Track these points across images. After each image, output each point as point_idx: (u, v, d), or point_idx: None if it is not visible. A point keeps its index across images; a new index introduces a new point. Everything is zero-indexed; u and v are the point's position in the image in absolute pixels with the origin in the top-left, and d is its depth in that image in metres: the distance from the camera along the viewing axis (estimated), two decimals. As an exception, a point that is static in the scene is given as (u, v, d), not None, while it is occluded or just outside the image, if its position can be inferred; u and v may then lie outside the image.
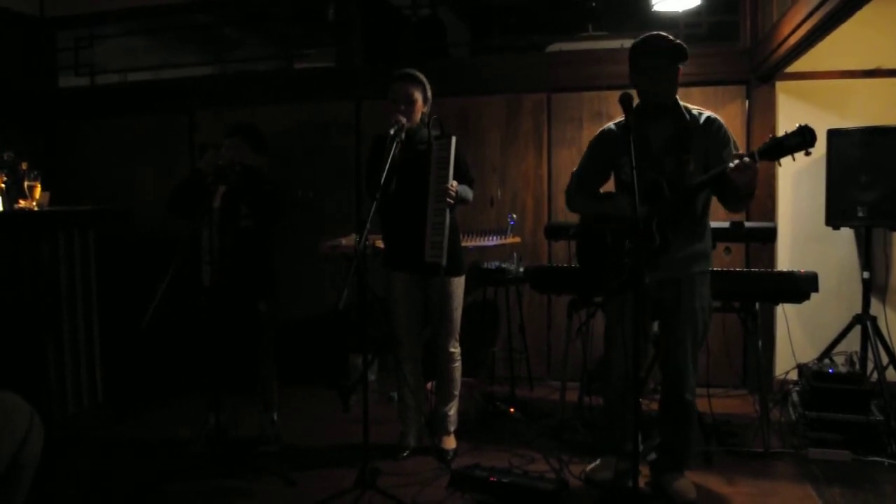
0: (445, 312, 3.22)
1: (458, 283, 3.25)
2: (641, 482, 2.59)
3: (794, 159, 2.35)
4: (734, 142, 2.70)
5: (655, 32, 2.67)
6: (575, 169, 3.01)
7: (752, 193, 2.53)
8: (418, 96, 3.15)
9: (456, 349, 3.31)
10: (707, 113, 2.73)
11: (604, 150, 2.88)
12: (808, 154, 2.33)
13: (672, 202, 2.60)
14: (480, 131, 4.67)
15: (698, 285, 2.74)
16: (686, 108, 2.73)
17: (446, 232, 3.01)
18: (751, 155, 2.38)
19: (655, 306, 2.78)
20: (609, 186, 2.99)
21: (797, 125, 2.32)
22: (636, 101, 2.56)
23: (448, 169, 3.01)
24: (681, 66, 2.64)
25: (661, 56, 2.62)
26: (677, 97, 2.73)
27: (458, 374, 3.34)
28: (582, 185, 2.95)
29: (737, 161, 2.39)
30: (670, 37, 2.63)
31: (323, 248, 4.15)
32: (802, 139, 2.30)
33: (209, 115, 5.02)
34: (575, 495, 2.88)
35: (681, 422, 2.83)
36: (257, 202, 3.30)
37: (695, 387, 2.82)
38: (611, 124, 2.90)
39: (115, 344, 4.23)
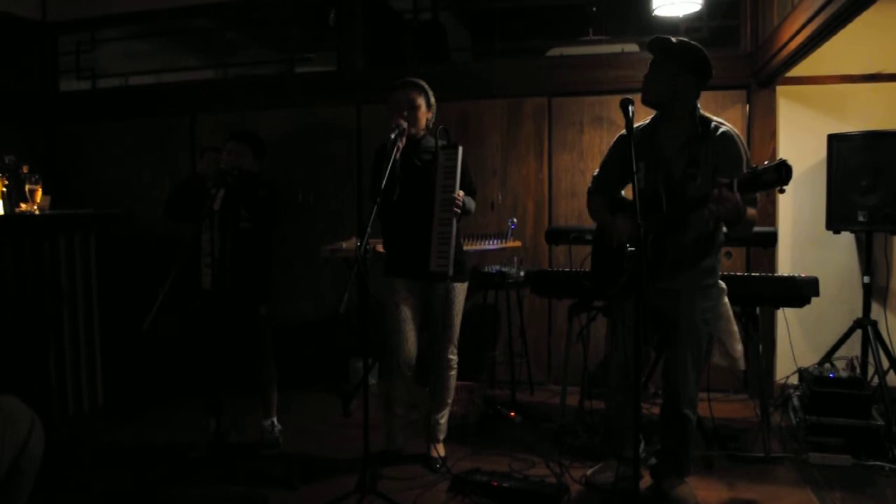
0: (447, 319, 3.20)
1: (461, 290, 3.24)
2: (642, 486, 2.59)
3: (766, 195, 2.27)
4: (747, 160, 2.61)
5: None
6: (596, 171, 3.01)
7: (739, 221, 2.41)
8: (421, 102, 3.14)
9: (454, 356, 3.29)
10: (725, 127, 2.65)
11: (620, 154, 2.85)
12: (781, 192, 2.25)
13: (666, 218, 2.58)
14: (481, 135, 4.68)
15: (700, 299, 2.71)
16: (704, 118, 2.67)
17: (453, 242, 3.00)
18: (729, 185, 2.28)
19: (656, 317, 2.71)
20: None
21: (777, 159, 2.20)
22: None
23: (454, 179, 3.01)
24: (680, 69, 2.60)
25: (654, 52, 2.64)
26: (698, 105, 2.68)
27: (453, 381, 3.32)
28: (600, 188, 2.95)
29: (714, 190, 2.30)
30: (675, 39, 2.62)
31: (323, 251, 4.15)
32: (778, 175, 2.16)
33: (210, 119, 5.03)
34: (576, 500, 2.88)
35: (679, 434, 2.82)
36: (255, 206, 3.31)
37: (694, 400, 2.79)
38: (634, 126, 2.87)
39: (116, 347, 4.23)
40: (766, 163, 2.24)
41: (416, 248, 3.06)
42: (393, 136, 2.96)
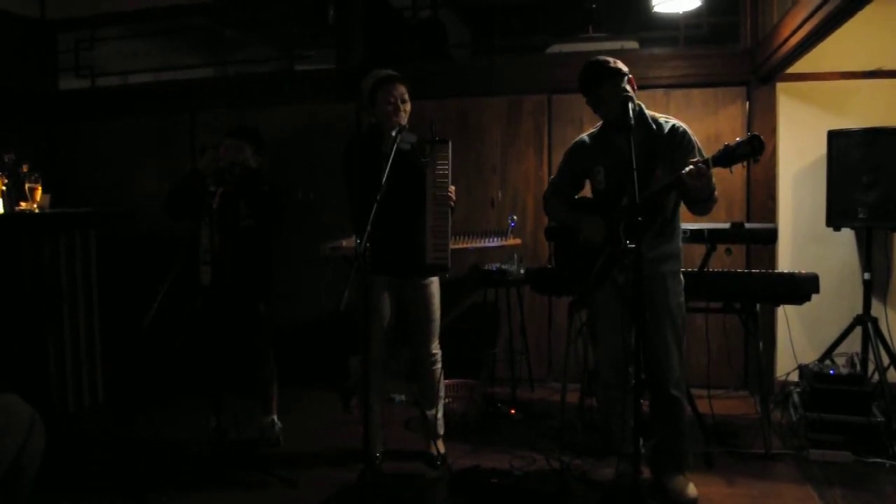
0: (428, 314, 3.21)
1: (438, 284, 3.25)
2: (642, 482, 2.59)
3: (744, 166, 2.49)
4: (699, 148, 2.76)
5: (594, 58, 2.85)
6: (553, 176, 3.14)
7: (710, 197, 2.63)
8: (408, 96, 3.16)
9: (438, 350, 3.29)
10: (672, 121, 2.82)
11: (577, 161, 3.01)
12: (755, 161, 2.54)
13: (639, 206, 2.68)
14: (481, 132, 4.68)
15: (669, 283, 2.82)
16: (653, 117, 2.83)
17: (450, 234, 3.02)
18: (705, 162, 2.47)
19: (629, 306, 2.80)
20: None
21: (748, 134, 2.42)
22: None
23: (447, 173, 3.03)
24: (608, 85, 2.75)
25: (586, 82, 2.86)
26: (642, 105, 2.82)
27: (440, 374, 3.32)
28: (557, 192, 3.08)
29: (690, 167, 2.48)
30: (601, 59, 2.81)
31: (323, 249, 4.15)
32: (751, 148, 2.39)
33: (210, 116, 5.02)
34: (576, 497, 2.88)
35: (671, 419, 2.85)
36: (257, 203, 3.30)
37: (681, 381, 2.84)
38: (584, 135, 3.03)
39: (116, 345, 4.23)
40: (737, 139, 2.43)
41: (393, 244, 3.07)
42: (394, 133, 2.96)
